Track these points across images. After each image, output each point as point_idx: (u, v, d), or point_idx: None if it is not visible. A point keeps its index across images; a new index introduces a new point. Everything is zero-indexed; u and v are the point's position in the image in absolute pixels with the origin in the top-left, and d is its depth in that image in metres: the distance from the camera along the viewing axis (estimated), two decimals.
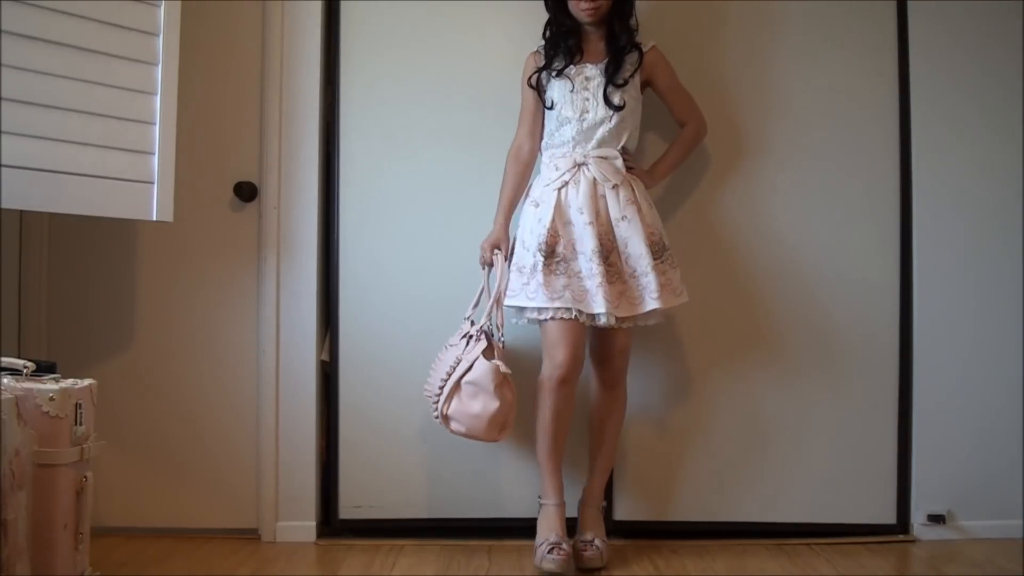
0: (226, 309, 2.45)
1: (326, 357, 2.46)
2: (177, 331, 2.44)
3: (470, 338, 2.16)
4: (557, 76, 2.19)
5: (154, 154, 2.04)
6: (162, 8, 2.04)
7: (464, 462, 2.43)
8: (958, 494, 2.45)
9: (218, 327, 2.45)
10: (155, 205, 2.05)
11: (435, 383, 2.15)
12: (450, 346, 2.19)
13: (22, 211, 2.31)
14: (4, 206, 1.80)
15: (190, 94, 2.21)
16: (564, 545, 2.08)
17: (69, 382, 1.70)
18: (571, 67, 2.19)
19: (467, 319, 2.23)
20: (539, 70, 2.22)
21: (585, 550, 2.16)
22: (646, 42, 2.23)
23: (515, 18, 2.44)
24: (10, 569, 1.46)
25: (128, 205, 2.03)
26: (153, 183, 2.05)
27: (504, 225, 2.24)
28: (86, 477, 1.70)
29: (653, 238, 2.15)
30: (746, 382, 2.45)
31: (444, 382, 2.12)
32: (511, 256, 2.21)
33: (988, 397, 2.46)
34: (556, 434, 2.15)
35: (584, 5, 2.14)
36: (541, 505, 2.19)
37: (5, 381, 1.64)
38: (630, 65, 2.19)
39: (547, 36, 2.24)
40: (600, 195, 2.13)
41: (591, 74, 2.17)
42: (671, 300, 2.14)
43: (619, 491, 2.43)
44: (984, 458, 2.45)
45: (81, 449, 1.68)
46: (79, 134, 1.92)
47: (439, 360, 2.19)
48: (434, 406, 2.15)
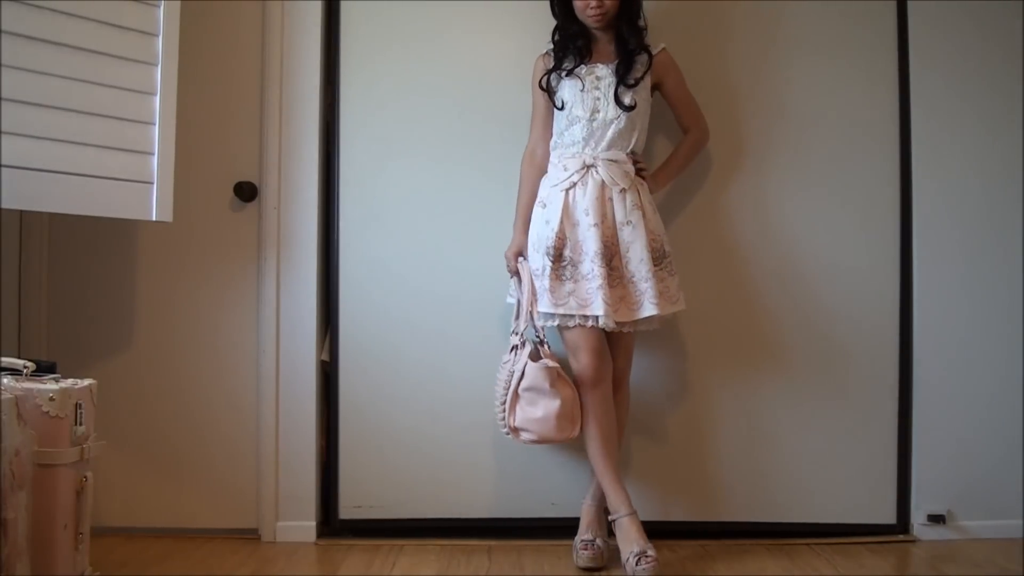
0: (226, 309, 2.45)
1: (326, 357, 2.46)
2: (177, 331, 2.44)
3: (516, 349, 2.17)
4: (568, 76, 2.18)
5: (154, 154, 2.04)
6: (161, 8, 2.04)
7: (464, 462, 2.44)
8: (958, 494, 2.45)
9: (218, 327, 2.45)
10: (154, 205, 2.06)
11: (498, 401, 2.17)
12: (504, 363, 2.20)
13: (22, 211, 2.31)
14: (4, 206, 1.80)
15: (190, 94, 2.21)
16: (650, 551, 2.03)
17: (69, 382, 1.70)
18: (582, 67, 2.18)
19: (513, 333, 2.22)
20: (549, 71, 2.21)
21: (586, 549, 2.16)
22: (655, 44, 2.23)
23: (516, 18, 2.44)
24: (10, 569, 1.46)
25: (128, 205, 2.03)
26: (153, 183, 2.05)
27: (524, 231, 2.23)
28: (86, 477, 1.70)
29: (655, 244, 2.15)
30: (746, 383, 2.45)
31: (504, 397, 2.14)
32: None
33: (988, 397, 2.46)
34: (606, 439, 2.14)
35: (591, 12, 2.13)
36: (613, 521, 2.13)
37: (5, 381, 1.64)
38: (641, 66, 2.18)
39: (556, 39, 2.23)
40: (608, 198, 2.13)
41: (602, 74, 2.17)
42: (667, 307, 2.15)
43: None
44: (984, 458, 2.45)
45: (81, 449, 1.68)
46: (79, 134, 1.92)
47: (498, 380, 2.20)
48: (502, 422, 2.16)
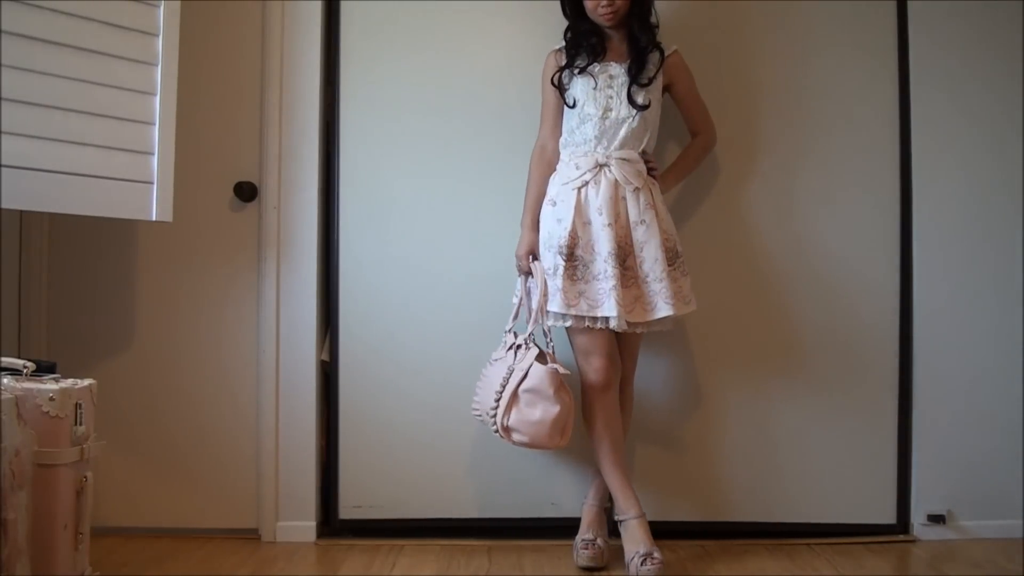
0: (226, 309, 2.45)
1: (326, 357, 2.46)
2: (177, 331, 2.44)
3: (518, 348, 2.13)
4: (580, 73, 2.17)
5: (154, 154, 2.04)
6: (162, 8, 2.04)
7: (464, 462, 2.44)
8: (958, 494, 2.45)
9: (218, 327, 2.45)
10: (154, 205, 2.05)
11: (488, 398, 2.12)
12: (495, 360, 2.17)
13: (22, 211, 2.31)
14: (5, 206, 1.80)
15: (190, 94, 2.20)
16: (656, 554, 2.04)
17: (69, 382, 1.70)
18: (595, 65, 2.17)
19: (508, 331, 2.20)
20: (561, 68, 2.19)
21: (586, 548, 2.17)
22: (667, 45, 2.23)
23: (516, 18, 2.44)
24: (10, 569, 1.46)
25: (128, 205, 2.03)
26: (153, 183, 2.05)
27: (534, 228, 2.20)
28: (86, 477, 1.70)
29: (668, 244, 2.14)
30: (746, 384, 2.45)
31: (499, 394, 2.08)
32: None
33: (988, 397, 2.46)
34: (615, 442, 2.13)
35: (602, 10, 2.12)
36: (620, 522, 2.13)
37: (5, 381, 1.64)
38: (652, 65, 2.18)
39: (568, 37, 2.22)
40: (621, 197, 2.12)
41: (615, 72, 2.15)
42: (682, 308, 2.13)
43: None
44: (984, 458, 2.45)
45: (81, 449, 1.68)
46: (79, 134, 1.91)
47: (485, 376, 2.16)
48: (492, 420, 2.10)
